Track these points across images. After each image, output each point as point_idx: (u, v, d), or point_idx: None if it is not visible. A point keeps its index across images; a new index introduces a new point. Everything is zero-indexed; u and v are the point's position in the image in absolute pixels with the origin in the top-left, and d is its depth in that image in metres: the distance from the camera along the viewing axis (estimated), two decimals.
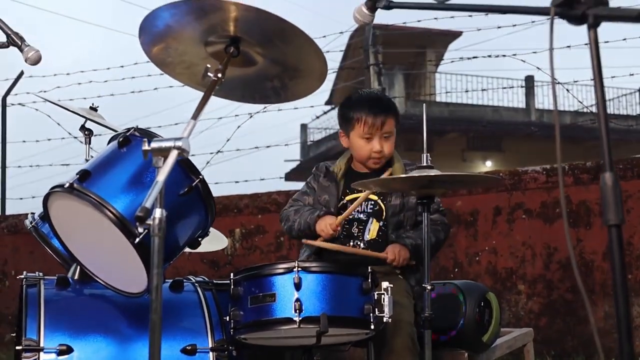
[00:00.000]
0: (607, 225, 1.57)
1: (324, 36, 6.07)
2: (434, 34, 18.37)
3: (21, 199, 7.36)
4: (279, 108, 7.06)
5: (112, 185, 2.42)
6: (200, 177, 2.50)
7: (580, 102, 6.33)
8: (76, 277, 2.81)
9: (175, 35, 2.37)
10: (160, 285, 1.96)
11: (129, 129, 2.57)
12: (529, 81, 20.89)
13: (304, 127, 26.50)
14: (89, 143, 3.64)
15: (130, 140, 2.53)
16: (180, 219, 2.52)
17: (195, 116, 2.13)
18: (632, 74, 5.46)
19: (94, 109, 3.66)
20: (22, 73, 7.42)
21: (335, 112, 24.96)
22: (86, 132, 3.64)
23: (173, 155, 1.98)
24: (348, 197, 3.26)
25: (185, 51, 2.44)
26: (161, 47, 2.43)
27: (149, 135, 2.48)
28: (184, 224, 2.54)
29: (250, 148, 7.31)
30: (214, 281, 2.96)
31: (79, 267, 2.79)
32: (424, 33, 17.77)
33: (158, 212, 1.96)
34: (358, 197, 3.15)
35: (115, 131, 3.43)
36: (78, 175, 2.42)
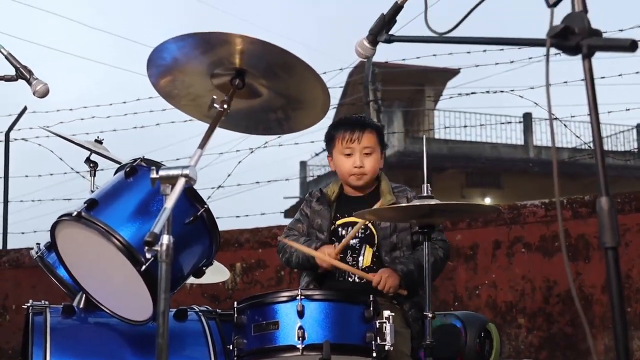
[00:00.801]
0: (604, 247, 1.62)
1: (324, 73, 6.17)
2: (432, 71, 18.55)
3: (23, 233, 7.38)
4: (280, 144, 7.14)
5: (119, 213, 2.47)
6: (206, 206, 2.55)
7: (577, 136, 6.39)
8: (81, 305, 2.85)
9: (182, 67, 2.44)
10: (167, 310, 2.00)
11: (135, 159, 2.62)
12: (527, 118, 21.05)
13: (303, 165, 26.58)
14: (94, 175, 3.68)
15: (137, 170, 2.58)
16: (186, 248, 2.56)
17: (202, 145, 2.18)
18: (629, 109, 5.55)
19: (99, 141, 3.72)
20: (25, 109, 7.49)
21: None
22: (91, 165, 3.69)
23: (181, 183, 2.03)
24: (339, 222, 3.32)
25: (192, 83, 2.50)
26: (168, 80, 2.49)
27: (156, 165, 2.53)
28: (189, 252, 2.58)
29: (251, 183, 7.37)
30: (218, 311, 2.99)
31: (84, 296, 2.83)
32: (423, 71, 17.94)
33: (166, 239, 2.01)
34: (349, 221, 3.22)
35: (120, 163, 3.49)
36: (86, 204, 2.47)
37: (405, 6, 2.35)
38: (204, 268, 2.71)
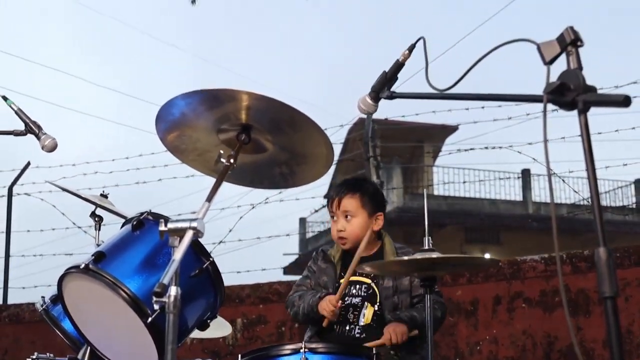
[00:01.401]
0: (603, 297, 1.66)
1: (325, 129, 6.25)
2: (431, 128, 18.72)
3: (23, 288, 7.39)
4: (281, 199, 7.21)
5: (126, 266, 2.51)
6: (211, 259, 2.59)
7: (576, 192, 6.46)
8: (86, 358, 2.86)
9: (190, 123, 2.50)
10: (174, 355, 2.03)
11: (142, 213, 2.67)
12: (525, 174, 21.17)
13: (302, 221, 26.58)
14: (99, 229, 3.73)
15: (143, 223, 2.63)
16: (191, 300, 2.59)
17: (209, 199, 2.24)
18: (626, 164, 5.62)
19: (104, 196, 3.78)
20: (28, 164, 7.57)
21: None
22: (96, 219, 3.75)
23: (189, 235, 2.08)
24: (343, 279, 3.34)
25: (199, 138, 2.56)
26: (176, 135, 2.56)
27: (162, 219, 2.58)
28: (195, 305, 2.61)
29: (252, 239, 7.42)
30: None
31: (89, 349, 2.85)
32: (421, 127, 18.11)
33: (173, 290, 2.05)
34: (353, 279, 3.27)
35: (125, 218, 3.54)
36: (93, 257, 2.51)
37: (405, 63, 2.44)
38: (208, 321, 2.73)
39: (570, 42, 1.78)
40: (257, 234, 7.70)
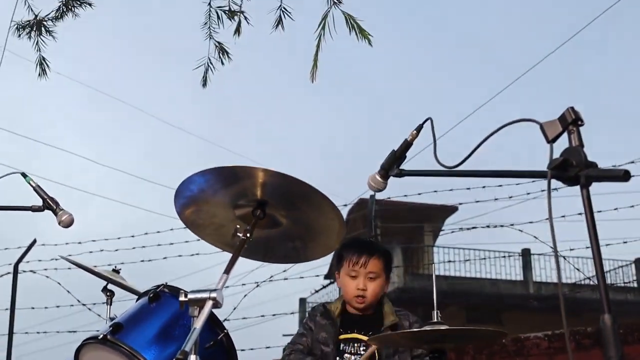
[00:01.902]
0: None
1: None
2: (431, 208, 18.82)
3: None
4: (285, 277, 7.28)
5: (143, 337, 2.58)
6: (225, 331, 2.65)
7: (577, 269, 6.53)
8: None
9: (207, 199, 2.60)
10: None
11: (159, 286, 2.75)
12: (526, 254, 21.18)
13: (302, 301, 26.42)
14: (111, 304, 3.79)
15: (160, 296, 2.71)
16: None
17: (227, 271, 2.32)
18: (626, 242, 5.71)
19: (116, 271, 3.84)
20: (34, 241, 7.64)
21: (332, 287, 25.08)
22: (108, 294, 3.81)
23: (208, 305, 2.16)
24: (342, 336, 3.39)
25: (216, 214, 2.66)
26: (193, 210, 2.66)
27: (178, 292, 2.66)
28: None
29: (256, 317, 7.46)
30: None
31: None
32: (422, 208, 18.20)
33: (193, 358, 2.11)
34: (352, 337, 3.31)
35: (137, 292, 3.61)
36: (111, 328, 2.58)
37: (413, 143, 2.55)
38: None
39: (571, 121, 1.90)
40: (256, 313, 7.75)
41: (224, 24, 5.07)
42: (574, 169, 1.85)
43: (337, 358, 3.30)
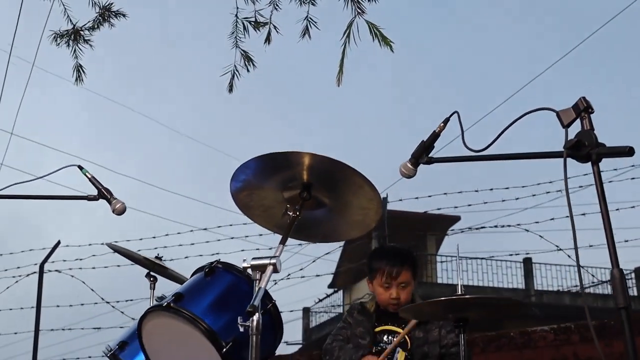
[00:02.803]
0: (618, 308, 2.06)
1: None
2: (434, 218, 19.15)
3: None
4: (302, 275, 7.59)
5: (201, 305, 2.90)
6: (274, 301, 2.98)
7: (581, 266, 6.81)
8: None
9: (260, 182, 2.93)
10: None
11: (212, 262, 3.07)
12: (527, 263, 21.51)
13: (306, 311, 26.69)
14: (154, 289, 4.12)
15: (214, 270, 3.03)
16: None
17: (283, 242, 2.66)
18: (627, 240, 6.03)
19: (159, 258, 4.16)
20: (59, 242, 8.00)
21: (336, 296, 25.29)
22: (151, 279, 4.14)
23: (269, 270, 2.49)
24: (378, 329, 3.74)
25: (266, 196, 2.98)
26: (246, 193, 2.98)
27: (231, 267, 3.01)
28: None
29: None
30: None
31: None
32: (425, 218, 18.53)
33: (256, 316, 2.45)
34: (388, 329, 3.65)
35: (180, 278, 3.95)
36: (173, 297, 2.91)
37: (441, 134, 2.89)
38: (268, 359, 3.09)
39: (583, 109, 2.24)
40: None
41: (249, 34, 5.41)
42: (586, 148, 2.19)
43: (374, 348, 3.64)
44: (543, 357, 5.80)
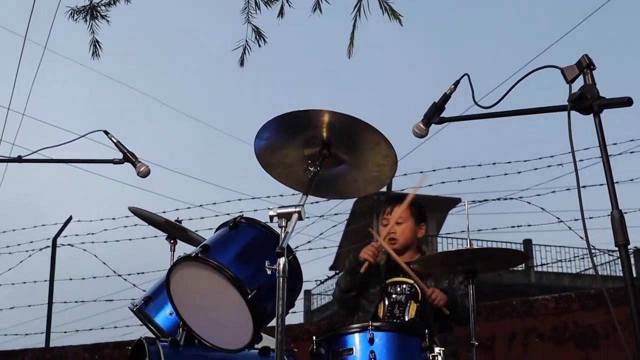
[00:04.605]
0: (617, 245, 2.26)
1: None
2: (435, 200, 19.30)
3: (65, 332, 7.90)
4: (310, 247, 7.78)
5: (227, 255, 3.09)
6: (294, 253, 3.17)
7: (582, 237, 7.01)
8: (182, 342, 3.42)
9: (282, 140, 3.11)
10: (284, 314, 2.61)
11: (236, 217, 3.26)
12: (527, 244, 21.73)
13: (307, 293, 26.88)
14: (174, 251, 4.30)
15: (238, 225, 3.23)
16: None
17: (306, 192, 2.85)
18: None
19: (178, 221, 4.34)
20: (70, 218, 8.23)
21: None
22: (171, 242, 4.32)
23: (295, 217, 2.68)
24: (388, 281, 3.99)
25: (287, 154, 3.16)
26: (269, 151, 3.16)
27: (254, 221, 3.20)
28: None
29: None
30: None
31: (183, 335, 3.41)
32: (425, 199, 18.67)
33: (282, 260, 2.64)
34: (397, 280, 3.89)
35: (199, 240, 4.14)
36: (200, 249, 3.10)
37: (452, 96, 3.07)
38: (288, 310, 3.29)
39: (585, 65, 2.43)
40: None
41: (261, 10, 5.60)
42: (588, 101, 2.38)
43: (385, 298, 3.87)
44: (544, 324, 6.01)
